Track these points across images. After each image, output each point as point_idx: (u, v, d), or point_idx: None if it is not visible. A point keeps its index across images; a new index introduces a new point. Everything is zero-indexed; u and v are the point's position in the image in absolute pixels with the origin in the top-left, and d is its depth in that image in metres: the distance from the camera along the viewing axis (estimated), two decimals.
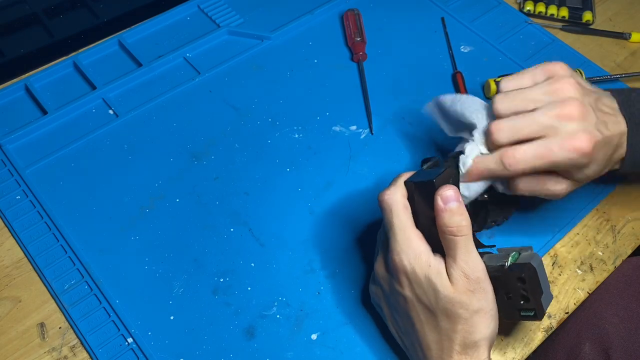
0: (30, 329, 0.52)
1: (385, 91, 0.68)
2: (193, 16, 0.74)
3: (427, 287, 0.43)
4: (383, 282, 0.47)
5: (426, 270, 0.43)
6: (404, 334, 0.47)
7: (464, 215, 0.42)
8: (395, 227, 0.44)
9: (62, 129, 0.64)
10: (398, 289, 0.44)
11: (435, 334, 0.43)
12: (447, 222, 0.42)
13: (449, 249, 0.43)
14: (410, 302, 0.44)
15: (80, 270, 0.54)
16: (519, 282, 0.44)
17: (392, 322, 0.48)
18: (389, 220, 0.44)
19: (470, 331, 0.43)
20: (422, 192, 0.44)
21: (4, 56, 0.70)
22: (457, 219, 0.42)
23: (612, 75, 0.70)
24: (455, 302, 0.42)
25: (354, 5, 0.76)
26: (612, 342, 0.52)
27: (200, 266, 0.55)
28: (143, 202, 0.59)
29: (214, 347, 0.51)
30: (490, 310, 0.43)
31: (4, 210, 0.58)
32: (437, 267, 0.43)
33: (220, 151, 0.63)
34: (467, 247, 0.42)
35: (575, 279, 0.56)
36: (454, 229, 0.42)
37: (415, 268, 0.43)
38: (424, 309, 0.43)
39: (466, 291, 0.42)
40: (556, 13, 0.77)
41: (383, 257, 0.47)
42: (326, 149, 0.64)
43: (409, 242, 0.43)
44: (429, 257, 0.43)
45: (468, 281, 0.42)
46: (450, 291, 0.42)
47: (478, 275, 0.42)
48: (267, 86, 0.68)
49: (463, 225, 0.42)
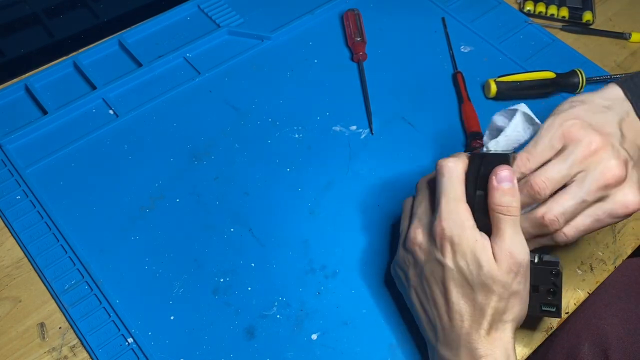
0: (30, 329, 0.52)
1: (385, 91, 0.68)
2: (193, 16, 0.74)
3: (470, 259, 0.43)
4: (418, 248, 0.46)
5: (472, 244, 0.43)
6: (431, 303, 0.46)
7: (515, 197, 0.43)
8: (449, 196, 0.44)
9: (62, 129, 0.64)
10: (438, 256, 0.44)
11: (469, 305, 0.44)
12: (498, 200, 0.43)
13: (497, 227, 0.43)
14: (449, 271, 0.44)
15: (80, 270, 0.54)
16: (552, 277, 0.46)
17: (418, 291, 0.48)
18: (443, 188, 0.45)
19: (504, 310, 0.44)
20: (486, 167, 0.44)
21: (4, 56, 0.70)
22: (508, 199, 0.43)
23: (612, 75, 0.70)
24: (496, 279, 0.43)
25: (354, 5, 0.76)
26: (611, 343, 0.52)
27: (200, 266, 0.55)
28: (143, 202, 0.59)
29: (214, 347, 0.51)
30: (525, 296, 0.45)
31: (4, 210, 0.58)
32: (483, 242, 0.43)
33: (220, 151, 0.63)
34: (515, 228, 0.43)
35: (575, 279, 0.56)
36: (503, 208, 0.43)
37: (462, 239, 0.43)
38: (463, 280, 0.44)
39: (509, 271, 0.43)
40: (556, 13, 0.77)
41: (424, 223, 0.47)
42: (326, 149, 0.64)
43: (458, 214, 0.44)
44: (476, 232, 0.44)
45: (513, 262, 0.43)
46: (494, 268, 0.43)
47: (523, 257, 0.43)
48: (267, 86, 0.68)
49: (513, 206, 0.43)
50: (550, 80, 0.67)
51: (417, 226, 0.47)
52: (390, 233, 0.58)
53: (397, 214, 0.59)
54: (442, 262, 0.44)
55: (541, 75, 0.67)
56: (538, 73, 0.67)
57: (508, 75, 0.67)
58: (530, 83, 0.67)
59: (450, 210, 0.44)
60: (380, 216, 0.59)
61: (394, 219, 0.59)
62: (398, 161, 0.63)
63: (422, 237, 0.46)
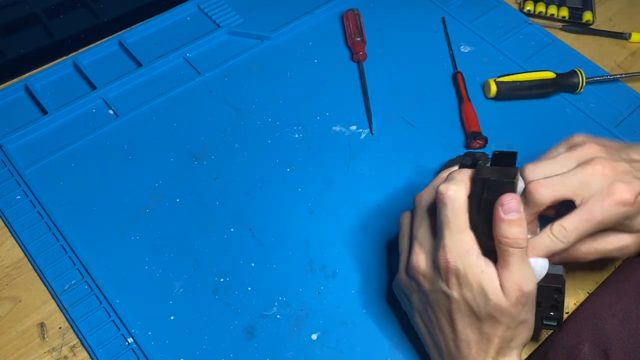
0: (30, 329, 0.52)
1: (385, 91, 0.68)
2: (193, 16, 0.74)
3: (477, 291, 0.42)
4: (422, 277, 0.45)
5: (479, 276, 0.42)
6: (437, 329, 0.46)
7: (522, 228, 0.41)
8: (452, 226, 0.43)
9: (62, 129, 0.64)
10: (443, 288, 0.44)
11: (476, 335, 0.43)
12: (505, 232, 0.41)
13: (503, 258, 0.42)
14: (455, 302, 0.43)
15: (80, 270, 0.54)
16: (555, 293, 0.45)
17: (423, 317, 0.47)
18: (446, 219, 0.43)
19: (511, 339, 0.43)
20: (489, 192, 0.43)
21: (4, 56, 0.70)
22: (516, 231, 0.41)
23: (612, 75, 0.70)
24: (504, 311, 0.42)
25: (354, 5, 0.76)
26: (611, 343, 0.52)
27: (200, 266, 0.55)
28: (143, 202, 0.59)
29: (214, 347, 0.51)
30: (532, 321, 0.44)
31: (4, 210, 0.58)
32: (490, 273, 0.42)
33: (220, 151, 0.63)
34: (522, 259, 0.42)
35: (575, 279, 0.56)
36: (510, 241, 0.41)
37: (467, 271, 0.42)
38: (469, 311, 0.43)
39: (517, 303, 0.42)
40: (556, 13, 0.77)
41: (426, 249, 0.45)
42: (326, 149, 0.64)
43: (462, 244, 0.42)
44: (482, 262, 0.42)
45: (521, 294, 0.42)
46: (502, 300, 0.42)
47: (531, 288, 0.42)
48: (267, 86, 0.68)
49: (521, 238, 0.41)
50: (550, 80, 0.67)
51: (419, 252, 0.46)
52: (390, 233, 0.58)
53: (397, 214, 0.59)
54: (447, 294, 0.43)
55: (541, 75, 0.67)
56: (538, 73, 0.67)
57: (508, 75, 0.67)
58: (530, 83, 0.67)
59: (454, 241, 0.43)
60: (380, 216, 0.59)
61: (394, 219, 0.59)
62: (398, 161, 0.63)
63: (425, 266, 0.45)
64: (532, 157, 0.64)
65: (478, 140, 0.62)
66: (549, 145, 0.64)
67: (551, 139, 0.65)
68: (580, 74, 0.67)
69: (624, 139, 0.65)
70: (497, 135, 0.64)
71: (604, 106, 0.68)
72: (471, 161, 0.48)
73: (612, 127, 0.66)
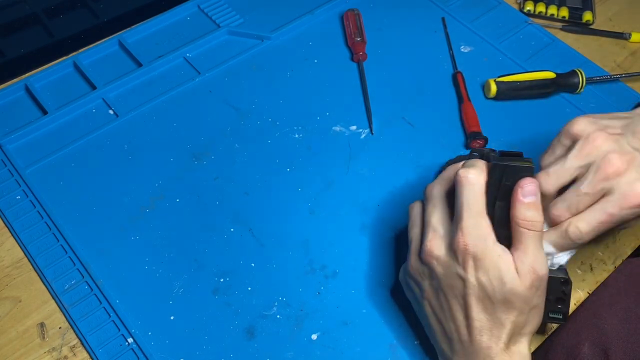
0: (30, 329, 0.52)
1: (385, 91, 0.68)
2: (193, 16, 0.74)
3: (493, 275, 0.42)
4: (437, 263, 0.45)
5: (495, 259, 0.42)
6: (448, 316, 0.46)
7: (539, 211, 0.43)
8: (471, 210, 0.43)
9: (62, 129, 0.64)
10: (459, 271, 0.44)
11: (489, 320, 0.43)
12: (523, 214, 0.42)
13: (519, 241, 0.43)
14: (470, 286, 0.43)
15: (80, 270, 0.54)
16: (563, 286, 0.45)
17: (433, 304, 0.47)
18: (466, 201, 0.43)
19: (523, 324, 0.44)
20: (508, 178, 0.43)
21: (4, 56, 0.70)
22: (533, 213, 0.42)
23: (612, 75, 0.70)
24: (519, 295, 0.42)
25: (354, 5, 0.76)
26: (611, 343, 0.52)
27: (200, 266, 0.55)
28: (143, 202, 0.59)
29: (214, 347, 0.51)
30: (542, 308, 0.45)
31: (4, 210, 0.58)
32: (506, 257, 0.43)
33: (220, 151, 0.63)
34: (538, 243, 0.43)
35: (575, 278, 0.56)
36: (528, 223, 0.42)
37: (485, 254, 0.43)
38: (484, 296, 0.43)
39: (532, 287, 0.42)
40: (556, 13, 0.77)
41: (440, 235, 0.45)
42: (326, 149, 0.64)
43: (481, 228, 0.43)
44: (499, 247, 0.43)
45: (536, 277, 0.42)
46: (517, 284, 0.42)
47: (544, 272, 0.43)
48: (267, 86, 0.68)
49: (537, 221, 0.42)
50: (550, 80, 0.67)
51: (433, 237, 0.46)
52: (390, 233, 0.58)
53: (397, 214, 0.59)
54: (463, 277, 0.43)
55: (541, 75, 0.67)
56: (538, 73, 0.67)
57: (508, 75, 0.67)
58: (530, 83, 0.67)
59: (473, 224, 0.43)
60: (380, 216, 0.59)
61: (394, 219, 0.59)
62: (398, 161, 0.63)
63: (439, 251, 0.45)
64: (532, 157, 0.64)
65: (478, 140, 0.62)
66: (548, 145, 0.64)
67: (551, 139, 0.65)
68: (580, 74, 0.67)
69: None
70: (497, 135, 0.64)
71: (604, 106, 0.68)
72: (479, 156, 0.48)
73: None
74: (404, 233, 0.57)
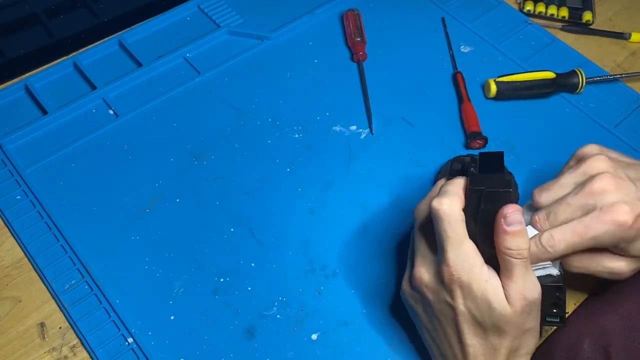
0: (30, 329, 0.52)
1: (385, 91, 0.68)
2: (193, 16, 0.74)
3: (481, 302, 0.42)
4: (427, 290, 0.45)
5: (483, 286, 0.42)
6: (443, 340, 0.46)
7: (525, 238, 0.41)
8: (451, 240, 0.42)
9: (62, 129, 0.64)
10: (448, 300, 0.43)
11: (482, 346, 0.43)
12: (508, 244, 0.41)
13: (507, 269, 0.42)
14: (460, 314, 0.43)
15: (80, 270, 0.54)
16: (557, 292, 0.45)
17: (429, 328, 0.47)
18: (442, 231, 0.42)
19: (518, 347, 0.43)
20: (487, 202, 0.42)
21: (4, 56, 0.70)
22: (519, 242, 0.41)
23: (612, 75, 0.70)
24: (510, 321, 0.42)
25: (354, 5, 0.76)
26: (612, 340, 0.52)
27: (200, 266, 0.55)
28: (143, 202, 0.59)
29: (214, 347, 0.51)
30: (537, 327, 0.44)
31: (4, 210, 0.58)
32: (494, 283, 0.42)
33: (220, 151, 0.63)
34: (526, 269, 0.42)
35: (576, 278, 0.56)
36: (514, 252, 0.41)
37: (471, 282, 0.42)
38: (474, 323, 0.43)
39: (522, 312, 0.42)
40: (556, 13, 0.77)
41: (428, 261, 0.45)
42: (326, 149, 0.64)
43: (464, 256, 0.42)
44: (485, 272, 0.42)
45: (526, 303, 0.42)
46: (507, 310, 0.41)
47: (535, 296, 0.42)
48: (267, 86, 0.68)
49: (524, 249, 0.41)
50: (550, 80, 0.67)
51: (422, 264, 0.45)
52: (390, 233, 0.58)
53: (396, 214, 0.59)
54: (452, 306, 0.43)
55: (541, 75, 0.67)
56: (538, 73, 0.67)
57: (508, 75, 0.67)
58: (530, 83, 0.67)
59: (456, 254, 0.42)
60: (380, 216, 0.59)
61: (394, 219, 0.59)
62: (398, 161, 0.63)
63: (428, 278, 0.45)
64: (532, 157, 0.64)
65: (478, 140, 0.62)
66: (548, 145, 0.65)
67: (551, 139, 0.65)
68: (580, 74, 0.67)
69: (623, 139, 0.65)
70: (497, 135, 0.64)
71: (604, 106, 0.68)
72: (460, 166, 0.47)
73: (611, 127, 0.66)
74: (404, 233, 0.58)
